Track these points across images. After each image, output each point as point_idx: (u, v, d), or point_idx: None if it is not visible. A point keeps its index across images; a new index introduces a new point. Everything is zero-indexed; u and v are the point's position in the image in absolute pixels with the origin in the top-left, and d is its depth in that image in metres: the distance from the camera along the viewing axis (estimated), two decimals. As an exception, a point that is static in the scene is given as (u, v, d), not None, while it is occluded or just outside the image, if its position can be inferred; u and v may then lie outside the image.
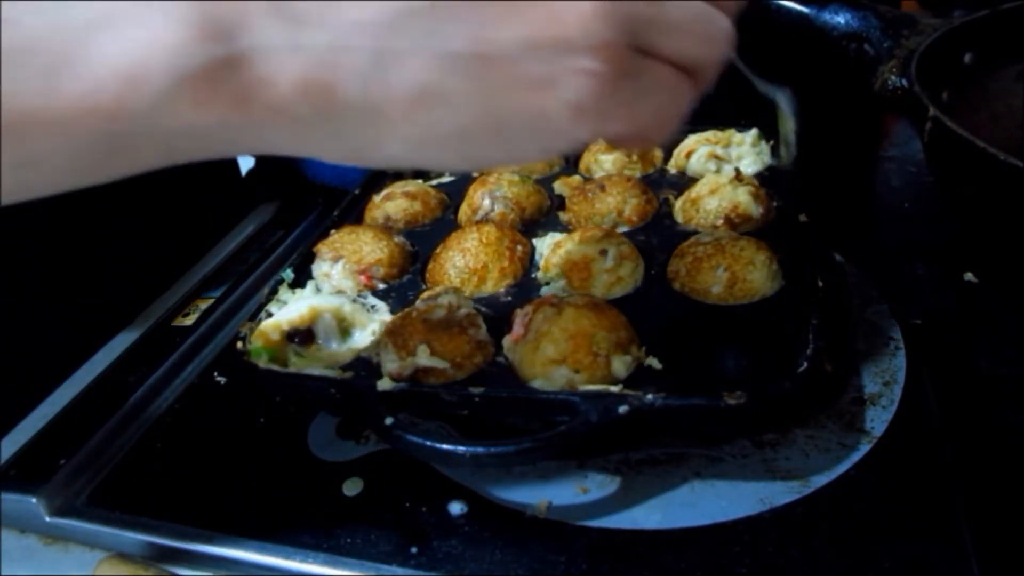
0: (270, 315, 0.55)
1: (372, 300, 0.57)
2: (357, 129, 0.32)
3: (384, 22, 0.29)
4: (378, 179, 0.74)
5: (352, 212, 0.69)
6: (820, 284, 0.50)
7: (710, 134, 0.70)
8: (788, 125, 0.60)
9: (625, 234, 0.60)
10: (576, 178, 0.70)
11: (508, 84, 0.31)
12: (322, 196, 0.83)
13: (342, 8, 0.29)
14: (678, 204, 0.64)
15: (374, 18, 0.29)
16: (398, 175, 0.76)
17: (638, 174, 0.70)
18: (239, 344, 0.53)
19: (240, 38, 0.29)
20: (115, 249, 0.79)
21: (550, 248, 0.59)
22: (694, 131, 0.72)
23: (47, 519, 0.50)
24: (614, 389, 0.45)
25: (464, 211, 0.67)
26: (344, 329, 0.54)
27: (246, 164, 0.94)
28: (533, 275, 0.58)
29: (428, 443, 0.44)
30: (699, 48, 0.34)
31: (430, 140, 0.33)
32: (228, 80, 0.29)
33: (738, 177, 0.61)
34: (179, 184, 0.53)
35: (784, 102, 0.60)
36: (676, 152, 0.71)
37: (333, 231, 0.63)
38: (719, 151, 0.69)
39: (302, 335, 0.53)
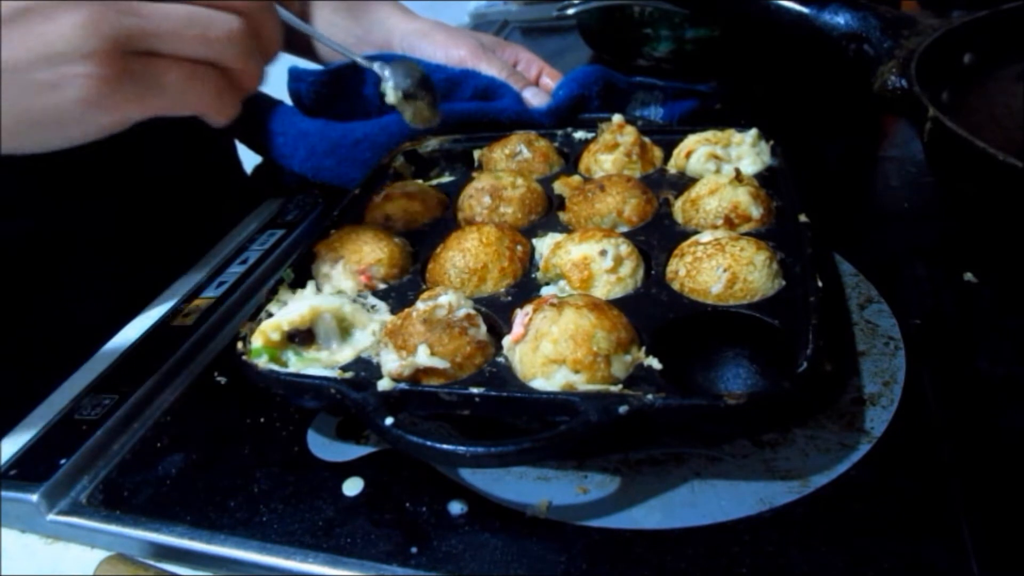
0: (270, 315, 0.55)
1: (372, 300, 0.57)
2: None
3: None
4: (378, 179, 0.74)
5: (352, 212, 0.69)
6: (820, 284, 0.50)
7: (709, 134, 0.70)
8: (393, 95, 0.63)
9: (625, 234, 0.60)
10: (576, 178, 0.70)
11: (26, 89, 0.42)
12: (324, 195, 0.83)
13: None
14: (678, 204, 0.64)
15: None
16: (398, 175, 0.76)
17: (638, 174, 0.70)
18: (239, 344, 0.53)
19: None
20: (117, 247, 0.79)
21: (550, 248, 0.59)
22: (694, 131, 0.72)
23: (47, 519, 0.50)
24: (614, 389, 0.45)
25: (463, 210, 0.67)
26: (344, 329, 0.54)
27: (252, 161, 0.94)
28: (533, 275, 0.58)
29: (428, 443, 0.43)
30: (201, 49, 0.44)
31: None
32: None
33: (738, 177, 0.61)
34: (183, 181, 0.54)
35: (391, 73, 0.62)
36: (676, 152, 0.71)
37: (333, 231, 0.63)
38: (719, 151, 0.69)
39: (302, 335, 0.53)
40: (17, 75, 0.42)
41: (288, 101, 0.86)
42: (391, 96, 0.63)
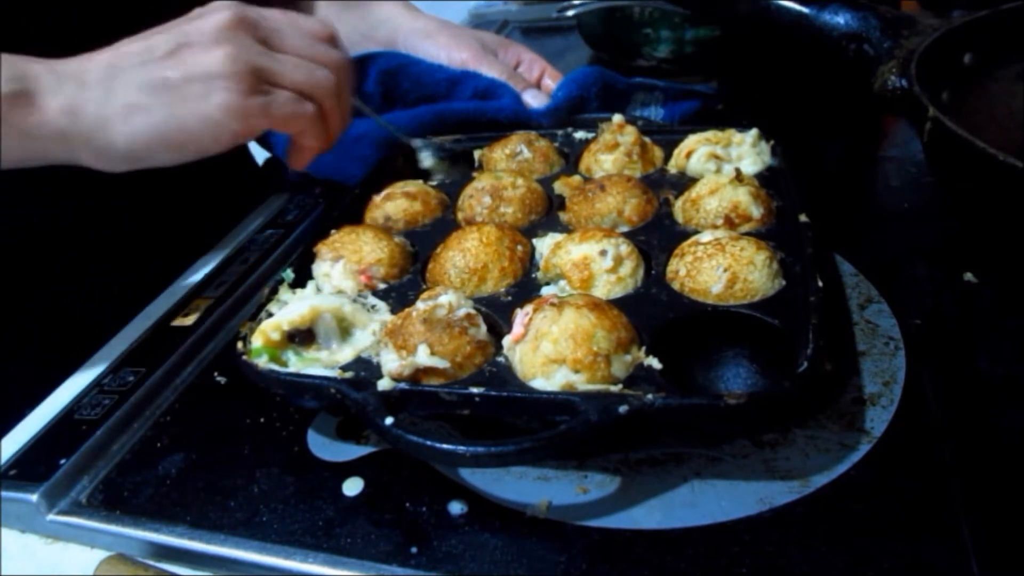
0: (270, 315, 0.55)
1: (372, 300, 0.57)
2: (97, 134, 0.56)
3: (105, 71, 0.56)
4: (378, 178, 0.74)
5: (352, 212, 0.69)
6: (820, 284, 0.50)
7: (710, 134, 0.70)
8: (428, 163, 0.79)
9: (625, 234, 0.60)
10: (576, 178, 0.70)
11: (181, 98, 0.56)
12: (324, 194, 0.83)
13: (84, 66, 0.56)
14: (678, 204, 0.64)
15: (100, 71, 0.56)
16: (398, 175, 0.76)
17: (638, 174, 0.70)
18: (239, 344, 0.53)
19: (28, 82, 0.54)
20: (123, 242, 0.79)
21: (550, 248, 0.59)
22: (694, 131, 0.72)
23: (47, 519, 0.50)
24: (614, 389, 0.45)
25: (463, 210, 0.67)
26: (344, 329, 0.54)
27: (263, 154, 0.95)
28: (533, 275, 0.58)
29: (428, 443, 0.44)
30: (305, 85, 0.60)
31: (142, 137, 0.56)
32: (23, 105, 0.54)
33: (738, 177, 0.61)
34: (195, 171, 0.58)
35: (423, 148, 0.79)
36: (676, 152, 0.71)
37: (333, 231, 0.63)
38: (719, 151, 0.69)
39: (302, 335, 0.53)
40: (175, 89, 0.56)
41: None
42: (426, 163, 0.79)
